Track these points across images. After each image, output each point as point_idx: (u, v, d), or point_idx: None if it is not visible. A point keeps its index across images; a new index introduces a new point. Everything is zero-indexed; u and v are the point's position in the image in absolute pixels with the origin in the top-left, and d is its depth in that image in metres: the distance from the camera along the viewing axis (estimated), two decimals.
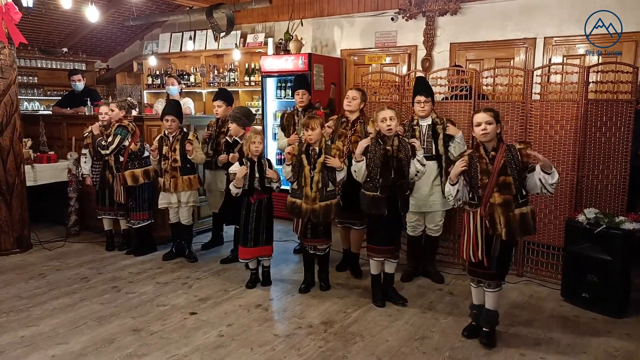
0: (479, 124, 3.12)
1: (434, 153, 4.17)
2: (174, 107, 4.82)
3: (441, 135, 4.15)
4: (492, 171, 3.09)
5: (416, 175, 3.78)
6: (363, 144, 3.72)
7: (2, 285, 4.29)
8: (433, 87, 4.93)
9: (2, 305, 3.88)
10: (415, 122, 4.26)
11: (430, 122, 4.20)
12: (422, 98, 4.18)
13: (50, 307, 3.83)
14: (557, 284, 4.13)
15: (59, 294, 4.09)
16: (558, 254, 4.26)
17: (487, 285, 3.25)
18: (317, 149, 3.93)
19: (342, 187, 4.15)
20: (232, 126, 4.54)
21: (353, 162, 3.79)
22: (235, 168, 4.12)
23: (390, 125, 3.64)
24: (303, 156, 3.94)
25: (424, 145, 4.12)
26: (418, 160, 3.72)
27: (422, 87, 4.26)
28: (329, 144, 4.04)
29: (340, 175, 3.95)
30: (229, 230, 5.45)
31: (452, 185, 3.22)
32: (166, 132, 4.78)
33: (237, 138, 4.57)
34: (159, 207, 4.90)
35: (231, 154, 4.46)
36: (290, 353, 3.15)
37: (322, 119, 4.01)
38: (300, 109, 4.83)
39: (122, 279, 4.43)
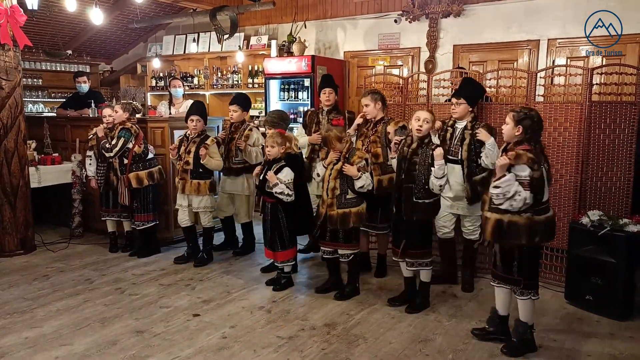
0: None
1: (459, 157, 4.00)
2: (199, 108, 4.77)
3: (467, 141, 3.95)
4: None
5: (439, 188, 3.58)
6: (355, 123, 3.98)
7: (6, 286, 4.31)
8: (435, 89, 4.94)
9: (6, 306, 3.89)
10: (451, 122, 4.12)
11: (464, 126, 4.01)
12: (454, 100, 4.06)
13: (54, 309, 3.84)
14: (560, 287, 4.12)
15: (62, 296, 4.10)
16: (562, 257, 4.25)
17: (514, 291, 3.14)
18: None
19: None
20: (271, 132, 4.33)
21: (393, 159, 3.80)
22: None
23: (420, 127, 3.55)
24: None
25: (452, 147, 4.01)
26: (433, 174, 3.52)
27: (460, 87, 4.14)
28: (354, 147, 3.94)
29: (358, 184, 3.74)
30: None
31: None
32: (187, 133, 4.76)
33: None
34: (176, 206, 4.93)
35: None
36: (293, 355, 3.15)
37: (340, 131, 3.87)
38: (325, 109, 4.76)
39: (126, 281, 4.43)
